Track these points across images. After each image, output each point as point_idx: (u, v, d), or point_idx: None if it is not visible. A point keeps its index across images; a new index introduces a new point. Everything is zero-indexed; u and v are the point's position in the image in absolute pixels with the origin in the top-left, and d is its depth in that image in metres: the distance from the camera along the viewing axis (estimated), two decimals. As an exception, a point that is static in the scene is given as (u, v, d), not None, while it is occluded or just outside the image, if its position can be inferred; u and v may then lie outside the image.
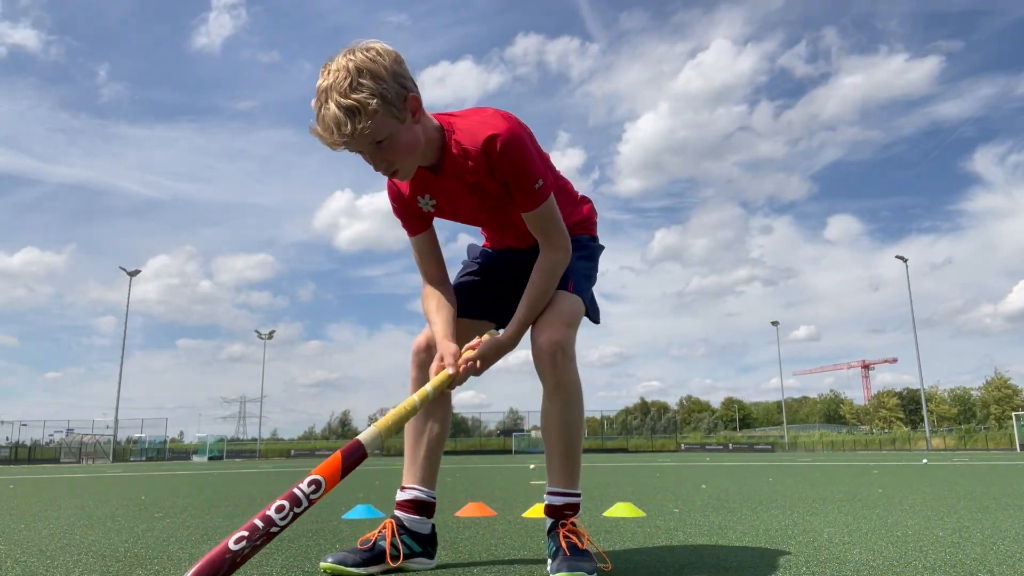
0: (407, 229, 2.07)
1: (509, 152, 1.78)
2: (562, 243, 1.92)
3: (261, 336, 59.33)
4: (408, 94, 1.70)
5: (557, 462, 1.93)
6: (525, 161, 1.80)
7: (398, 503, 2.01)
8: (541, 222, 1.89)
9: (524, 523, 3.19)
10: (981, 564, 1.96)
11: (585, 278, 2.08)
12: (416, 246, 2.07)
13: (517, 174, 1.81)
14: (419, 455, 2.04)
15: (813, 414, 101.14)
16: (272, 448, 63.06)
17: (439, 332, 1.94)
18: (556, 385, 1.91)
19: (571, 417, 1.93)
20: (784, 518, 3.29)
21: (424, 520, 1.99)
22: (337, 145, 1.66)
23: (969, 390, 77.22)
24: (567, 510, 1.89)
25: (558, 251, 1.92)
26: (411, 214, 2.03)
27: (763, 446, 54.06)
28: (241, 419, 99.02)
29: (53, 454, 46.35)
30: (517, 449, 51.28)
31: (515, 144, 1.78)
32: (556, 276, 1.93)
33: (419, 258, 2.08)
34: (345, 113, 1.61)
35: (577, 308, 2.00)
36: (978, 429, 57.39)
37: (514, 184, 1.83)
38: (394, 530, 1.93)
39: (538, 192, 1.84)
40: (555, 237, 1.91)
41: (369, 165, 1.76)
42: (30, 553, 2.41)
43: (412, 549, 1.94)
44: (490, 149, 1.78)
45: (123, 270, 46.66)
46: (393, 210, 2.06)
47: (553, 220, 1.90)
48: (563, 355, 1.90)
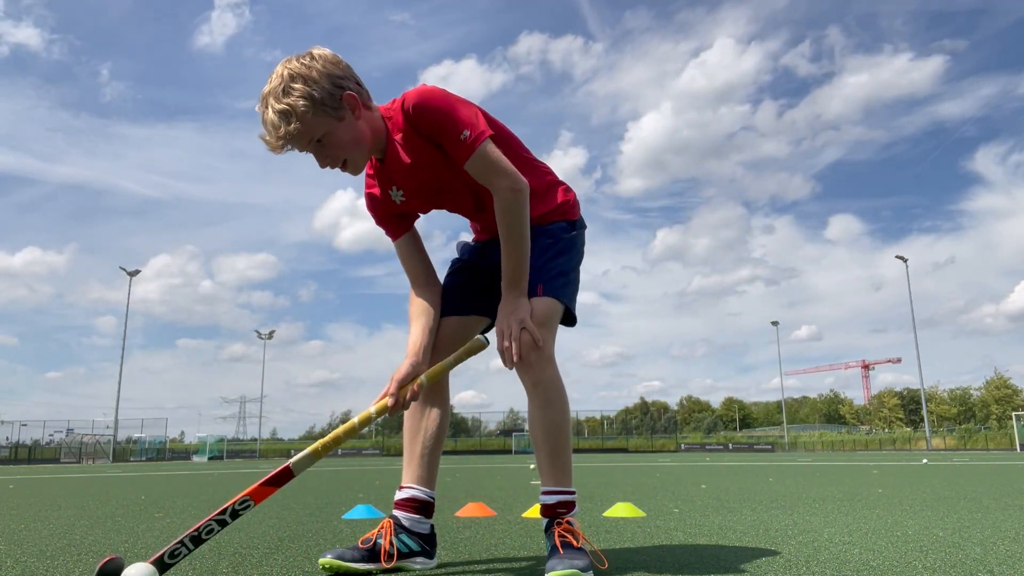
0: (390, 234, 2.11)
1: (421, 107, 1.82)
2: (505, 183, 1.88)
3: (261, 336, 59.36)
4: (343, 92, 1.79)
5: (545, 462, 1.93)
6: (440, 113, 1.83)
7: (396, 502, 2.01)
8: (479, 170, 1.87)
9: (524, 523, 3.19)
10: (981, 564, 1.96)
11: (560, 275, 2.01)
12: (399, 249, 2.11)
13: (438, 128, 1.84)
14: (416, 454, 2.05)
15: (813, 414, 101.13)
16: (272, 448, 63.10)
17: (411, 340, 2.01)
18: (535, 385, 1.91)
19: (553, 416, 1.92)
20: (784, 518, 3.29)
21: (423, 520, 1.99)
22: (277, 147, 1.77)
23: (969, 390, 77.22)
24: (560, 508, 1.89)
25: (503, 191, 1.88)
26: (389, 216, 2.08)
27: (763, 446, 54.05)
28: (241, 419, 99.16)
29: (53, 454, 46.34)
30: (517, 449, 51.28)
31: (426, 98, 1.83)
32: (513, 213, 1.89)
33: (404, 260, 2.12)
34: (279, 116, 1.74)
35: (549, 307, 1.95)
36: (978, 429, 57.38)
37: (441, 137, 1.85)
38: (392, 529, 1.94)
39: (464, 142, 1.83)
40: (496, 181, 1.88)
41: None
42: (30, 553, 2.41)
43: (411, 548, 1.94)
44: (406, 113, 1.84)
45: (123, 270, 46.67)
46: (375, 220, 2.12)
47: (492, 166, 1.86)
48: (537, 355, 1.89)
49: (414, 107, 1.82)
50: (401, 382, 1.90)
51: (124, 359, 46.34)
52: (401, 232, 2.10)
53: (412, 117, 1.84)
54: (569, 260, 2.07)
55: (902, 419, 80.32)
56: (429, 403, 2.07)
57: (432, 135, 1.86)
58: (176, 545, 1.65)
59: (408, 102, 1.83)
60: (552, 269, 2.01)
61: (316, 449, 1.81)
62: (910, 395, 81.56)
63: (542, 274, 1.99)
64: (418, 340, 1.99)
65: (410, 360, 1.95)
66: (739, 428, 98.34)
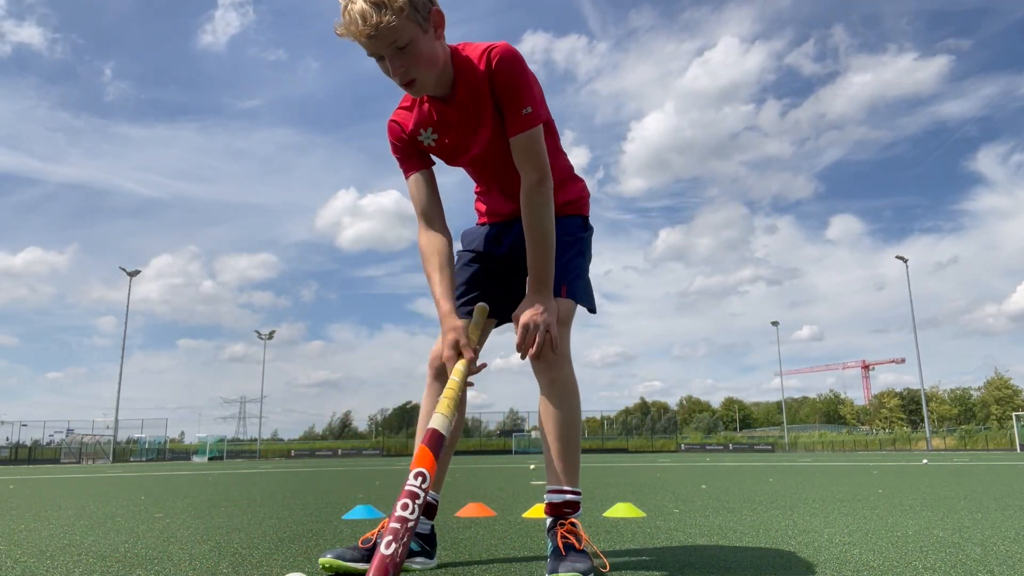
0: (407, 167, 2.02)
1: (505, 66, 1.79)
2: (536, 174, 1.88)
3: (261, 336, 59.35)
4: (433, 7, 1.75)
5: (555, 461, 1.93)
6: (519, 81, 1.82)
7: None
8: (521, 149, 1.86)
9: (524, 523, 3.19)
10: (981, 564, 1.96)
11: (580, 276, 2.06)
12: (414, 185, 2.02)
13: (511, 91, 1.81)
14: None
15: (813, 414, 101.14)
16: (272, 448, 63.07)
17: (440, 295, 1.91)
18: (551, 383, 1.92)
19: (567, 415, 1.93)
20: (784, 518, 3.29)
21: (425, 520, 1.99)
22: (361, 37, 1.68)
23: (969, 390, 77.24)
24: (566, 508, 1.89)
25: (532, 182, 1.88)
26: (412, 151, 2.00)
27: (763, 446, 54.05)
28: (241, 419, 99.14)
29: (53, 454, 46.34)
30: (517, 449, 51.28)
31: (512, 60, 1.81)
32: (538, 205, 1.88)
33: (417, 197, 2.02)
34: (372, 7, 1.64)
35: (570, 309, 2.00)
36: (978, 429, 57.38)
37: (507, 100, 1.82)
38: None
39: (525, 117, 1.83)
40: (530, 169, 1.88)
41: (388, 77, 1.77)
42: (30, 553, 2.41)
43: (411, 548, 1.93)
44: (490, 60, 1.80)
45: (123, 270, 46.67)
46: (392, 149, 2.02)
47: (533, 151, 1.87)
48: (557, 357, 1.90)
49: (500, 60, 1.79)
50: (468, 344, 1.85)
51: (124, 359, 46.35)
52: (420, 167, 2.02)
53: (493, 69, 1.80)
54: (587, 261, 2.13)
55: (902, 419, 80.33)
56: None
57: (501, 94, 1.83)
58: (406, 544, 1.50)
59: (495, 52, 1.79)
60: (575, 269, 2.04)
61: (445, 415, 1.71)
62: (910, 395, 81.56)
63: (566, 274, 2.00)
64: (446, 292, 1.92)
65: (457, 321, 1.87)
66: (739, 428, 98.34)
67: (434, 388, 2.03)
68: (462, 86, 1.85)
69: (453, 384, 1.79)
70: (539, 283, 1.90)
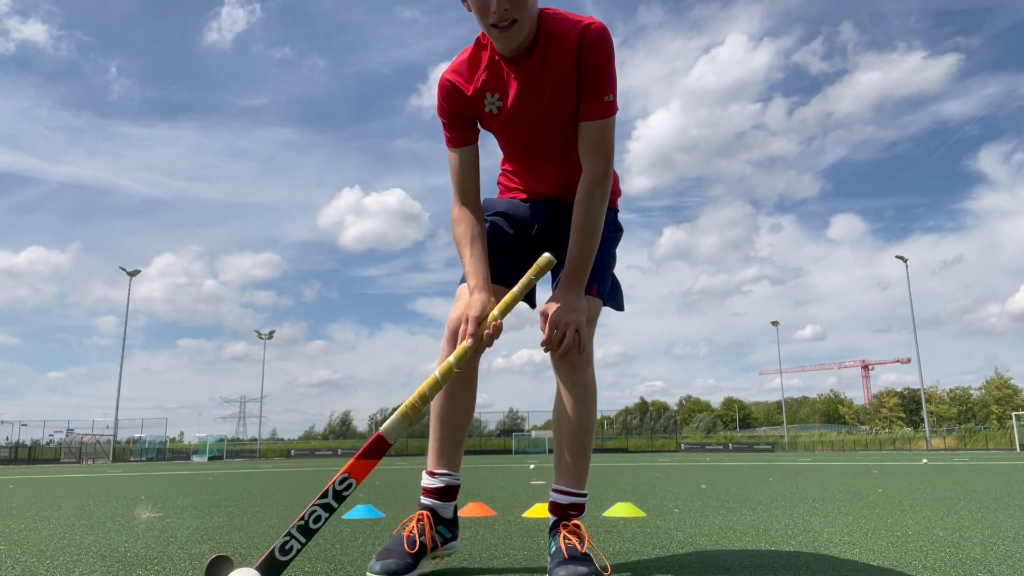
0: (455, 138, 1.91)
1: (600, 46, 1.72)
2: (604, 166, 1.83)
3: (261, 336, 59.35)
4: None
5: (566, 461, 1.91)
6: (609, 65, 1.76)
7: (429, 490, 1.92)
8: (594, 137, 1.80)
9: (524, 523, 3.19)
10: (981, 564, 1.96)
11: (609, 276, 2.02)
12: (459, 158, 1.91)
13: (598, 73, 1.74)
14: (447, 437, 1.95)
15: (813, 414, 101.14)
16: (272, 448, 63.05)
17: (470, 272, 1.83)
18: (572, 384, 1.88)
19: (585, 418, 1.90)
20: (784, 518, 3.29)
21: (449, 504, 1.94)
22: None
23: (969, 390, 77.24)
24: (571, 510, 1.87)
25: (598, 175, 1.83)
26: (464, 119, 1.89)
27: (763, 446, 54.04)
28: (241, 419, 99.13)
29: (53, 454, 46.34)
30: (517, 449, 51.26)
31: (607, 42, 1.74)
32: (596, 201, 1.83)
33: (460, 172, 1.92)
34: None
35: (597, 308, 1.96)
36: (978, 429, 57.37)
37: (591, 82, 1.75)
38: (430, 523, 1.86)
39: (607, 104, 1.77)
40: (598, 158, 1.82)
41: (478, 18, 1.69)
42: (30, 553, 2.41)
43: (444, 536, 1.90)
44: (586, 36, 1.72)
45: (123, 270, 46.66)
46: (440, 111, 1.89)
47: (606, 141, 1.81)
48: (583, 358, 1.87)
49: (597, 38, 1.71)
50: (479, 319, 1.72)
51: (125, 359, 46.37)
52: (467, 142, 1.91)
53: (585, 45, 1.72)
54: (615, 259, 2.09)
55: (902, 419, 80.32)
56: (460, 383, 1.92)
57: (587, 74, 1.75)
58: (285, 539, 1.52)
59: (594, 29, 1.72)
60: (607, 268, 2.00)
61: (405, 412, 1.68)
62: (910, 395, 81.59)
63: (598, 272, 1.94)
64: (482, 271, 1.83)
65: (481, 294, 1.78)
66: (739, 428, 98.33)
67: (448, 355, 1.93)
68: (545, 50, 1.75)
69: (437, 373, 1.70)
70: (574, 279, 1.83)
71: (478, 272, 1.83)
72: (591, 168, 1.83)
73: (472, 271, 1.84)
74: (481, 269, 1.84)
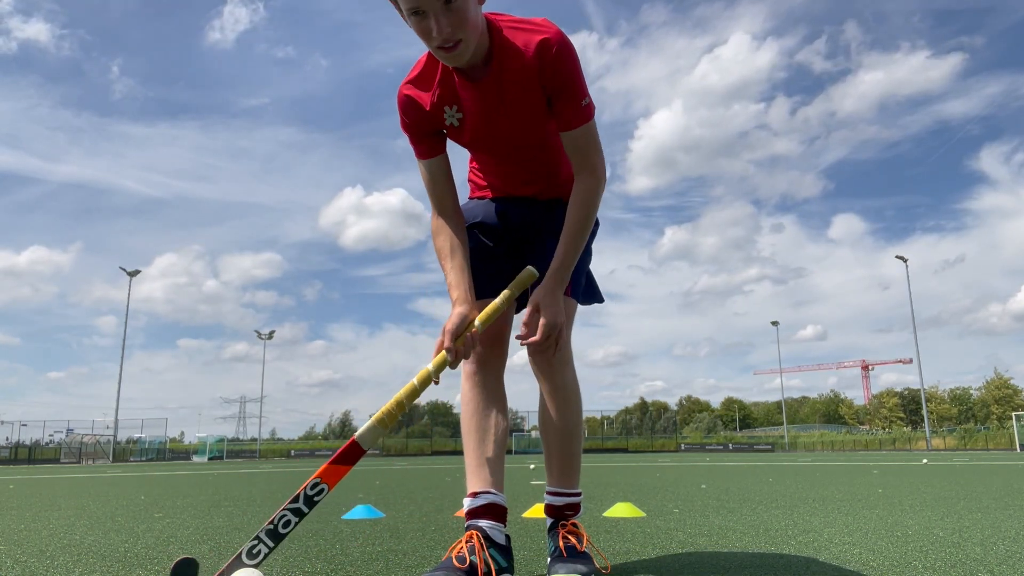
0: (421, 150, 1.86)
1: (564, 57, 1.67)
2: (601, 168, 1.81)
3: (261, 336, 59.33)
4: None
5: (556, 463, 1.92)
6: (577, 71, 1.70)
7: (476, 510, 1.77)
8: (585, 141, 1.77)
9: (524, 523, 3.19)
10: (981, 564, 1.96)
11: (584, 277, 2.01)
12: (430, 169, 1.86)
13: (569, 83, 1.70)
14: (489, 455, 1.84)
15: (813, 414, 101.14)
16: (272, 448, 63.04)
17: (451, 284, 1.78)
18: (554, 387, 1.89)
19: (570, 418, 1.91)
20: (784, 518, 3.29)
21: (500, 527, 1.77)
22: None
23: (969, 390, 77.27)
24: (567, 510, 1.88)
25: (598, 177, 1.80)
26: (427, 132, 1.84)
27: (763, 446, 54.05)
28: (241, 419, 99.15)
29: (53, 454, 46.33)
30: (517, 449, 51.27)
31: (570, 51, 1.68)
32: (595, 205, 1.81)
33: (433, 183, 1.87)
34: None
35: (574, 311, 1.96)
36: (978, 429, 57.38)
37: (564, 94, 1.71)
38: (482, 544, 1.68)
39: (586, 108, 1.74)
40: (596, 160, 1.80)
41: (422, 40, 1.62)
42: (30, 553, 2.41)
43: (500, 564, 1.69)
44: (545, 52, 1.67)
45: (123, 270, 46.66)
46: (404, 126, 1.85)
47: (594, 143, 1.79)
48: (561, 359, 1.87)
49: (559, 52, 1.66)
50: (455, 332, 1.67)
51: (125, 359, 46.37)
52: (434, 152, 1.86)
53: (547, 57, 1.67)
54: (591, 256, 2.06)
55: (902, 419, 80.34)
56: (494, 401, 1.87)
57: (555, 84, 1.70)
58: (253, 543, 1.49)
59: (553, 40, 1.66)
60: (583, 270, 1.98)
61: (381, 419, 1.63)
62: (910, 395, 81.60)
63: (576, 274, 1.91)
64: (463, 283, 1.79)
65: (460, 308, 1.72)
66: (739, 428, 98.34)
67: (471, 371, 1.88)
68: (498, 66, 1.71)
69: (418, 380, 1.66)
70: (559, 277, 1.79)
71: (460, 284, 1.79)
72: (586, 171, 1.81)
73: (453, 283, 1.79)
74: (463, 281, 1.80)
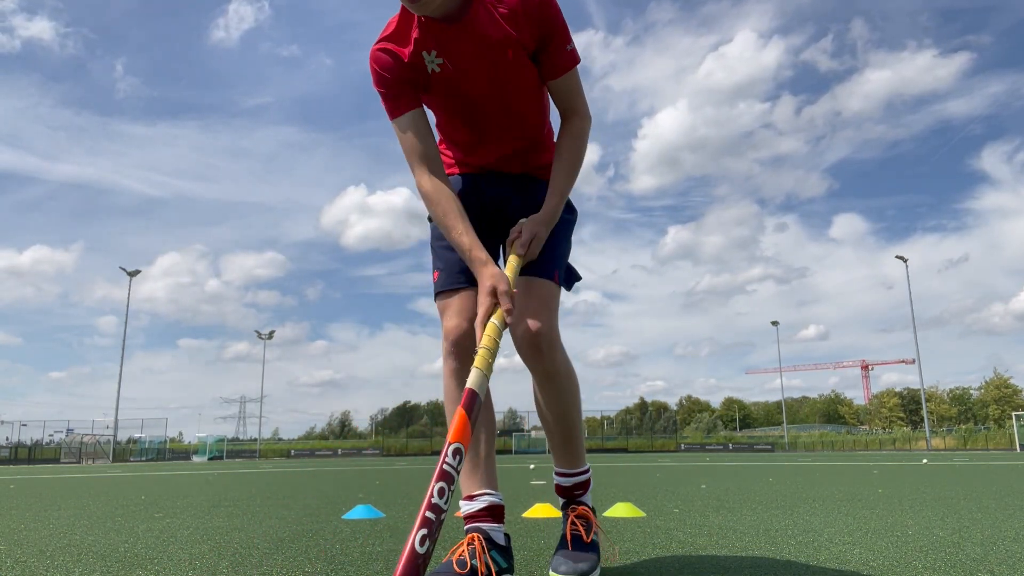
0: (396, 105, 1.75)
1: (547, 3, 1.68)
2: (587, 110, 1.85)
3: (261, 336, 59.34)
4: None
5: (559, 447, 1.92)
6: (562, 17, 1.71)
7: (475, 513, 1.76)
8: (570, 86, 1.79)
9: (524, 523, 3.19)
10: (981, 564, 1.96)
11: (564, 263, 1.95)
12: (408, 124, 1.75)
13: (556, 28, 1.70)
14: (482, 456, 1.83)
15: (813, 414, 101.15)
16: (272, 448, 63.04)
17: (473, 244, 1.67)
18: (546, 375, 1.83)
19: (567, 403, 1.89)
20: (784, 518, 3.29)
21: (500, 527, 1.77)
22: None
23: (969, 390, 77.28)
24: (577, 489, 1.91)
25: (585, 119, 1.84)
26: (404, 84, 1.74)
27: (763, 446, 54.04)
28: (241, 419, 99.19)
29: (53, 454, 46.34)
30: (517, 449, 51.24)
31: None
32: (584, 144, 1.85)
33: (413, 139, 1.75)
34: None
35: (557, 294, 1.89)
36: (978, 429, 57.38)
37: (553, 40, 1.71)
38: (483, 546, 1.68)
39: (571, 53, 1.74)
40: (581, 103, 1.84)
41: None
42: (30, 553, 2.41)
43: (500, 565, 1.71)
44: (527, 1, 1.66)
45: (123, 270, 46.65)
46: (378, 81, 1.75)
47: (580, 87, 1.82)
48: (549, 344, 1.80)
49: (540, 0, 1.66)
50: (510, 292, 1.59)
51: (125, 359, 46.39)
52: (414, 104, 1.76)
53: (532, 8, 1.66)
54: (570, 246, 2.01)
55: (902, 419, 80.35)
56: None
57: (543, 28, 1.69)
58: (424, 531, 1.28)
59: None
60: (564, 255, 1.95)
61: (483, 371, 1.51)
62: (910, 395, 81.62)
63: (558, 260, 1.89)
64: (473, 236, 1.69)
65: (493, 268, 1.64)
66: (739, 428, 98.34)
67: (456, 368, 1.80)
68: (479, 10, 1.67)
69: (492, 331, 1.57)
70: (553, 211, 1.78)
71: (479, 244, 1.68)
72: (576, 114, 1.83)
73: (476, 243, 1.68)
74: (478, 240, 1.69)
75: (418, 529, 1.26)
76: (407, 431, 67.49)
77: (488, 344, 1.56)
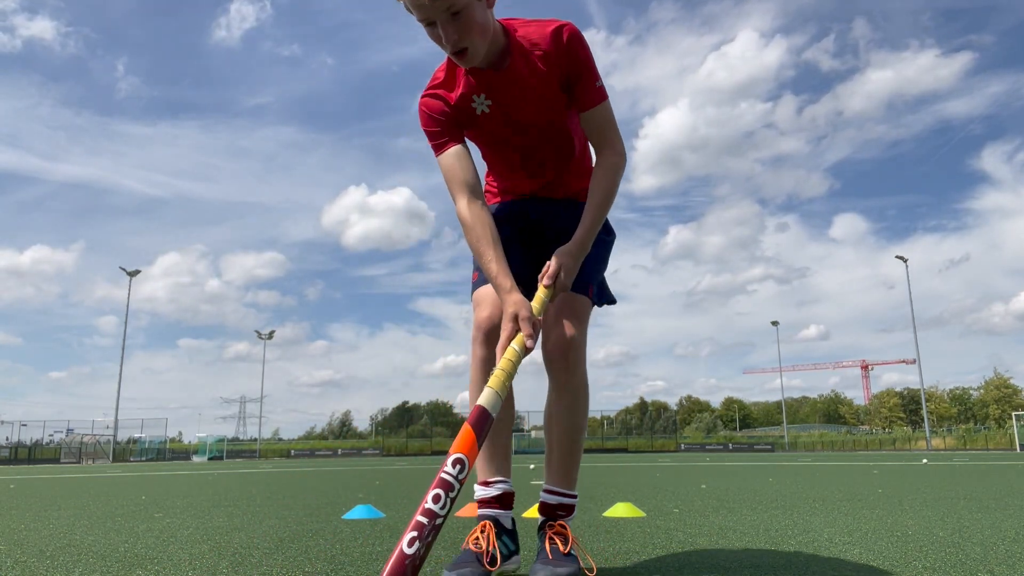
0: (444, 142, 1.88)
1: (576, 42, 1.80)
2: (621, 145, 1.91)
3: (261, 336, 59.35)
4: None
5: (556, 461, 1.92)
6: (589, 54, 1.83)
7: (489, 500, 1.90)
8: (604, 120, 1.88)
9: (524, 523, 3.19)
10: (981, 564, 1.96)
11: (600, 279, 2.06)
12: (455, 158, 1.87)
13: (584, 66, 1.82)
14: (498, 445, 1.96)
15: (813, 414, 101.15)
16: (272, 448, 63.04)
17: (500, 271, 1.76)
18: (566, 384, 1.89)
19: (576, 417, 1.92)
20: (784, 518, 3.29)
21: (509, 513, 1.91)
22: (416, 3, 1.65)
23: (969, 390, 77.27)
24: (560, 510, 1.89)
25: (619, 155, 1.90)
26: (453, 125, 1.89)
27: (763, 446, 54.04)
28: (241, 419, 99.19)
29: (53, 454, 46.32)
30: (517, 449, 51.24)
31: (581, 37, 1.82)
32: (618, 178, 1.91)
33: (458, 171, 1.87)
34: None
35: (589, 308, 1.98)
36: (978, 429, 57.39)
37: (581, 77, 1.83)
38: (494, 532, 1.83)
39: (600, 89, 1.86)
40: (615, 139, 1.91)
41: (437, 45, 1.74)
42: (30, 553, 2.41)
43: (509, 548, 1.86)
44: (558, 39, 1.80)
45: (123, 270, 46.66)
46: (429, 124, 1.89)
47: (613, 121, 1.90)
48: (576, 354, 1.88)
49: (572, 36, 1.80)
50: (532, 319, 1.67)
51: (125, 359, 46.40)
52: (460, 140, 1.91)
53: (565, 44, 1.80)
54: (607, 264, 2.12)
55: (902, 419, 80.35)
56: None
57: (573, 69, 1.83)
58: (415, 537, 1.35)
59: (567, 30, 1.80)
60: (600, 272, 2.05)
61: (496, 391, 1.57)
62: (910, 395, 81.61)
63: (594, 276, 1.99)
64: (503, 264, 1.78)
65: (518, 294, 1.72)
66: (739, 428, 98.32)
67: (484, 355, 1.89)
68: (519, 59, 1.82)
69: (511, 355, 1.62)
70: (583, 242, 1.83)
71: (508, 272, 1.77)
72: (611, 147, 1.89)
73: (503, 271, 1.77)
74: (508, 269, 1.78)
75: (408, 532, 1.35)
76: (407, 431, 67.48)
77: (506, 367, 1.62)
